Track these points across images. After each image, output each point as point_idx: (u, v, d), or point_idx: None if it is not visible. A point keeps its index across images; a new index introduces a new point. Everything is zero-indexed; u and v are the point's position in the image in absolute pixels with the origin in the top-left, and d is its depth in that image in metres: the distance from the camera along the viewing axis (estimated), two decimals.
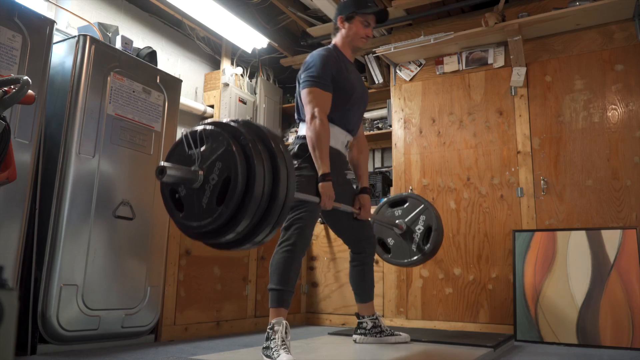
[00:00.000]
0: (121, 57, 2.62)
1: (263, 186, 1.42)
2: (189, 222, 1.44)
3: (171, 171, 1.39)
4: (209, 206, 1.40)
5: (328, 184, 2.03)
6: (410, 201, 2.71)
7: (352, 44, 2.30)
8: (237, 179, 1.38)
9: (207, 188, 1.42)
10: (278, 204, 1.45)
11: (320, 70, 2.11)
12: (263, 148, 1.48)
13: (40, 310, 2.19)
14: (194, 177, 1.43)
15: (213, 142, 1.45)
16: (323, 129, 2.05)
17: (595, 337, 2.74)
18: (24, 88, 1.57)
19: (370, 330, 2.40)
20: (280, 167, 1.47)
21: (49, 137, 2.39)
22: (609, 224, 2.99)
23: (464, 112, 3.55)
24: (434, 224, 2.61)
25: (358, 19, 2.26)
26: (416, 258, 2.62)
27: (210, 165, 1.43)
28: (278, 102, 4.52)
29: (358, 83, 2.31)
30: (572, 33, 3.30)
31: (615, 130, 3.08)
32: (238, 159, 1.39)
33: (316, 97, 2.09)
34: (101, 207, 2.44)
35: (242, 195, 1.39)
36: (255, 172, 1.40)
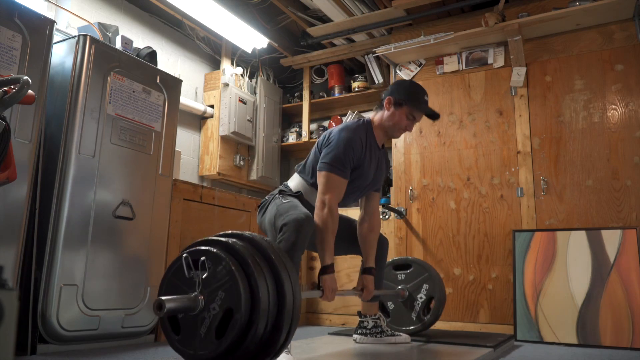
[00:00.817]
0: (121, 57, 2.62)
1: (267, 319, 1.35)
2: (184, 347, 1.37)
3: (170, 304, 1.31)
4: (207, 337, 1.33)
5: (331, 277, 2.00)
6: (415, 267, 2.68)
7: (389, 130, 2.21)
8: (240, 314, 1.31)
9: (207, 317, 1.35)
10: (282, 335, 1.38)
11: (342, 157, 2.03)
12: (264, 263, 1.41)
13: (40, 310, 2.19)
14: (194, 306, 1.35)
15: (216, 267, 1.37)
16: (332, 219, 1.99)
17: (595, 337, 2.74)
18: (24, 88, 1.57)
19: (370, 330, 2.40)
20: (285, 288, 1.39)
21: (49, 137, 2.39)
22: (609, 224, 2.99)
23: (464, 112, 3.55)
24: (437, 294, 2.59)
25: (405, 110, 2.16)
26: (413, 328, 2.60)
27: (211, 293, 1.35)
28: (278, 102, 4.52)
29: (375, 169, 2.23)
30: (572, 33, 3.30)
31: (615, 130, 3.08)
32: (243, 292, 1.32)
33: (332, 184, 2.01)
34: (101, 207, 2.44)
35: (244, 329, 1.32)
36: (260, 306, 1.32)
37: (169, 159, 2.84)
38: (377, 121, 2.23)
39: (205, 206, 3.11)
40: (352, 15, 3.75)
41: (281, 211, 1.98)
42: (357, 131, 2.12)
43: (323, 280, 2.00)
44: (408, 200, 3.59)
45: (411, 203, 3.58)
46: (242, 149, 4.14)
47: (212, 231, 3.07)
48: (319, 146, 2.14)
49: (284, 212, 1.96)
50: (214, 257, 1.38)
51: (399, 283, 2.68)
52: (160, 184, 2.75)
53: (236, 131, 3.91)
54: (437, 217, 3.48)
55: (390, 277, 2.69)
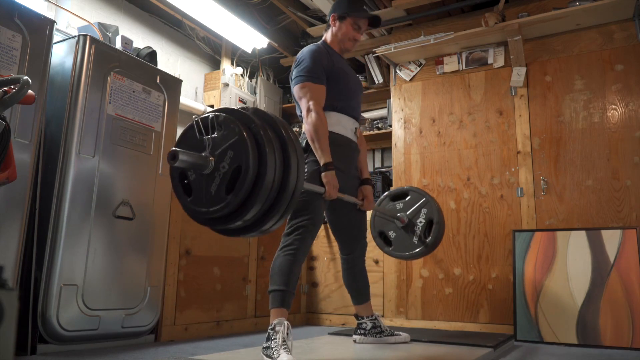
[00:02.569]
0: (121, 57, 2.62)
1: (274, 175, 1.41)
2: (196, 207, 1.44)
3: (183, 156, 1.38)
4: (218, 194, 1.40)
5: (331, 173, 2.03)
6: (412, 194, 2.70)
7: (340, 44, 2.32)
8: (248, 169, 1.37)
9: (217, 175, 1.41)
10: (288, 192, 1.44)
11: (311, 65, 2.13)
12: (274, 136, 1.47)
13: (40, 310, 2.19)
14: (204, 164, 1.42)
15: (225, 129, 1.44)
16: (320, 120, 2.06)
17: (595, 337, 2.74)
18: (24, 88, 1.57)
19: (370, 330, 2.40)
20: (291, 156, 1.46)
21: (49, 137, 2.39)
22: (609, 224, 2.99)
23: (464, 112, 3.55)
24: (436, 216, 2.60)
25: (349, 21, 2.27)
26: (418, 251, 2.61)
27: (221, 153, 1.42)
28: (278, 102, 4.52)
29: (351, 72, 2.33)
30: (572, 33, 3.30)
31: (615, 130, 3.08)
32: (250, 149, 1.38)
33: (310, 90, 2.11)
34: (101, 207, 2.44)
35: (252, 185, 1.38)
36: (267, 162, 1.39)
37: None
38: (329, 39, 2.33)
39: None
40: None
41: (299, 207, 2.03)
42: (317, 46, 2.23)
43: (324, 176, 2.02)
44: None
45: None
46: None
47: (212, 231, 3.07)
48: (291, 76, 2.23)
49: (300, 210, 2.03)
50: (223, 120, 1.44)
51: (397, 212, 2.69)
52: (160, 184, 2.75)
53: None
54: None
55: (388, 208, 2.71)
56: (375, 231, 2.73)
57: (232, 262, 3.16)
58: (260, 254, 3.38)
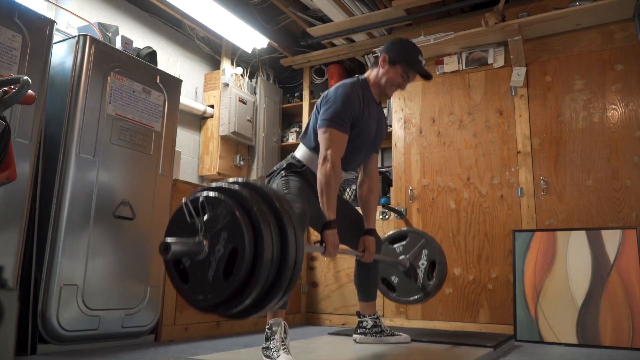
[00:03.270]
0: (121, 57, 2.62)
1: (272, 253, 1.35)
2: (195, 295, 1.37)
3: (176, 247, 1.31)
4: (216, 279, 1.33)
5: (333, 232, 1.97)
6: (411, 236, 2.68)
7: (383, 87, 2.21)
8: (245, 250, 1.30)
9: (213, 260, 1.34)
10: (288, 268, 1.37)
11: (340, 110, 2.03)
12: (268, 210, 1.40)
13: (40, 310, 2.19)
14: (198, 250, 1.35)
15: (216, 210, 1.37)
16: (334, 173, 1.98)
17: (595, 337, 2.74)
18: (24, 88, 1.57)
19: (370, 329, 2.40)
20: (287, 229, 1.39)
21: (49, 137, 2.39)
22: (609, 224, 2.99)
23: (464, 112, 3.55)
24: (437, 257, 2.58)
25: (400, 68, 2.17)
26: (422, 295, 2.58)
27: (215, 235, 1.35)
28: (278, 102, 4.52)
29: (376, 125, 2.23)
30: (572, 33, 3.30)
31: (615, 130, 3.08)
32: (245, 229, 1.31)
33: (332, 139, 2.01)
34: (101, 207, 2.44)
35: (251, 266, 1.32)
36: (264, 240, 1.32)
37: (169, 159, 2.84)
38: (373, 79, 2.23)
39: None
40: (352, 15, 3.75)
41: None
42: (354, 87, 2.13)
43: (325, 235, 1.97)
44: (408, 200, 3.59)
45: (411, 203, 3.58)
46: (242, 149, 4.14)
47: None
48: (317, 107, 2.15)
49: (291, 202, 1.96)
50: (213, 200, 1.38)
51: (397, 256, 2.67)
52: (160, 184, 2.75)
53: (236, 131, 3.91)
54: (437, 217, 3.48)
55: (388, 252, 2.68)
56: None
57: None
58: None
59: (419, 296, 2.59)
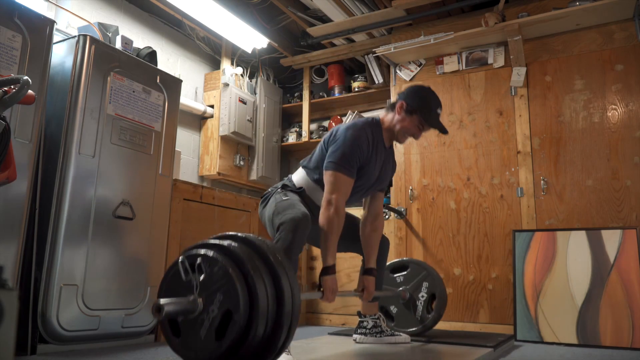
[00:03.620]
0: (121, 57, 2.62)
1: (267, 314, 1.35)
2: (186, 350, 1.38)
3: (169, 307, 1.32)
4: (207, 338, 1.34)
5: (332, 278, 1.97)
6: (412, 267, 2.68)
7: (396, 134, 2.19)
8: (239, 314, 1.30)
9: (206, 319, 1.35)
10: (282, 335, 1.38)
11: (349, 153, 2.02)
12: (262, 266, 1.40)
13: (40, 310, 2.19)
14: (192, 308, 1.36)
15: (212, 269, 1.37)
16: (337, 219, 1.98)
17: (595, 337, 2.74)
18: (24, 88, 1.57)
19: (370, 329, 2.40)
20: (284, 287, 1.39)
21: (49, 137, 2.39)
22: (609, 224, 2.99)
23: (464, 112, 3.55)
24: (438, 290, 2.58)
25: (417, 118, 2.15)
26: (420, 327, 2.59)
27: (209, 295, 1.36)
28: (278, 102, 4.52)
29: (381, 169, 2.22)
30: (572, 33, 3.30)
31: (615, 130, 3.08)
32: (240, 294, 1.32)
33: (338, 183, 2.00)
34: (101, 207, 2.44)
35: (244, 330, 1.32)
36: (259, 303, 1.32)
37: (169, 159, 2.84)
38: (387, 123, 2.21)
39: (205, 206, 3.11)
40: (352, 15, 3.75)
41: (279, 209, 1.97)
42: (365, 130, 2.11)
43: (324, 280, 1.98)
44: (408, 200, 3.59)
45: (411, 203, 3.58)
46: (242, 149, 4.14)
47: (212, 231, 3.07)
48: (325, 143, 2.13)
49: (282, 211, 1.95)
50: (210, 260, 1.38)
51: (398, 286, 2.68)
52: (160, 184, 2.75)
53: (236, 131, 3.91)
54: (437, 217, 3.48)
55: (388, 281, 2.68)
56: None
57: None
58: None
59: (416, 329, 2.60)
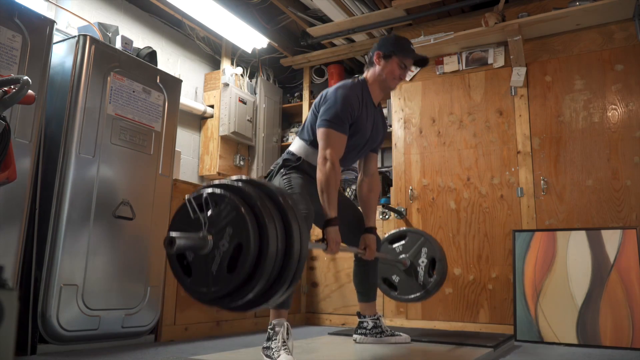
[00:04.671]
0: (121, 57, 2.62)
1: (277, 249, 1.37)
2: (198, 287, 1.39)
3: (180, 241, 1.33)
4: (220, 273, 1.35)
5: (334, 229, 1.99)
6: (410, 235, 2.69)
7: (384, 83, 2.24)
8: (250, 246, 1.32)
9: (217, 254, 1.36)
10: (293, 262, 1.39)
11: (340, 111, 2.06)
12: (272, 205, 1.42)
13: (40, 310, 2.19)
14: (203, 244, 1.37)
15: (221, 206, 1.39)
16: (334, 173, 2.01)
17: (595, 337, 2.74)
18: (24, 88, 1.57)
19: (370, 330, 2.40)
20: (292, 224, 1.41)
21: (49, 137, 2.39)
22: (609, 224, 2.99)
23: (464, 112, 3.55)
24: (437, 254, 2.59)
25: (396, 60, 2.20)
26: (423, 292, 2.59)
27: (219, 231, 1.37)
28: (278, 102, 4.52)
29: (372, 127, 2.25)
30: (572, 33, 3.30)
31: (615, 130, 3.08)
32: (250, 224, 1.33)
33: (332, 139, 2.04)
34: (101, 207, 2.44)
35: (255, 262, 1.34)
36: (269, 236, 1.34)
37: (169, 159, 2.84)
38: (371, 77, 2.25)
39: None
40: (352, 15, 3.75)
41: None
42: (353, 89, 2.15)
43: (327, 232, 2.00)
44: (408, 200, 3.59)
45: (411, 203, 3.58)
46: (242, 149, 4.14)
47: None
48: (316, 106, 2.17)
49: None
50: (217, 196, 1.40)
51: (398, 255, 2.68)
52: (160, 184, 2.75)
53: (236, 131, 3.91)
54: (437, 217, 3.48)
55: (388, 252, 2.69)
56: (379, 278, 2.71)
57: None
58: None
59: (420, 294, 2.60)
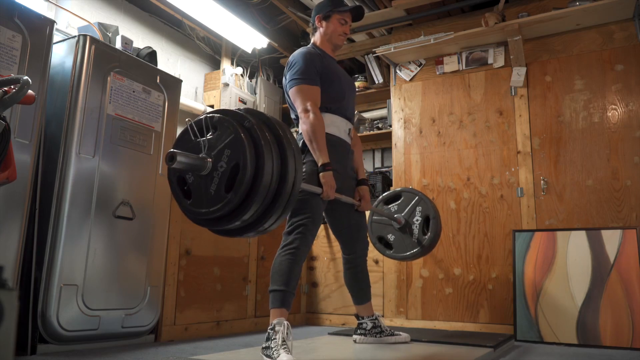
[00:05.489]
0: (121, 57, 2.62)
1: (272, 173, 1.43)
2: (196, 208, 1.45)
3: (181, 158, 1.39)
4: (218, 193, 1.41)
5: (329, 174, 2.04)
6: (405, 195, 2.73)
7: (331, 41, 2.32)
8: (246, 166, 1.38)
9: (216, 175, 1.43)
10: (286, 189, 1.46)
11: (304, 67, 2.13)
12: (269, 133, 1.48)
13: (40, 310, 2.19)
14: (202, 165, 1.44)
15: (220, 129, 1.45)
16: (317, 120, 2.06)
17: (595, 337, 2.74)
18: (24, 88, 1.57)
19: (370, 330, 2.40)
20: (287, 152, 1.48)
21: (49, 137, 2.39)
22: (609, 224, 2.99)
23: (464, 112, 3.55)
24: (431, 212, 2.63)
25: (335, 17, 2.30)
26: (418, 249, 2.63)
27: (218, 153, 1.43)
28: (278, 102, 4.52)
29: (343, 73, 2.34)
30: (572, 33, 3.30)
31: (615, 130, 3.08)
32: (247, 146, 1.39)
33: (305, 92, 2.11)
34: (101, 207, 2.44)
35: (251, 183, 1.39)
36: (264, 158, 1.40)
37: None
38: (319, 40, 2.34)
39: None
40: None
41: (297, 207, 2.03)
42: (308, 49, 2.24)
43: (322, 177, 2.03)
44: None
45: None
46: None
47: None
48: (285, 78, 2.22)
49: (300, 211, 2.03)
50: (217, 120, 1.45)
51: (393, 214, 2.71)
52: (160, 184, 2.75)
53: None
54: None
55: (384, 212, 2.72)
56: (374, 237, 2.74)
57: (232, 262, 3.16)
58: (260, 253, 3.38)
59: (415, 250, 2.64)
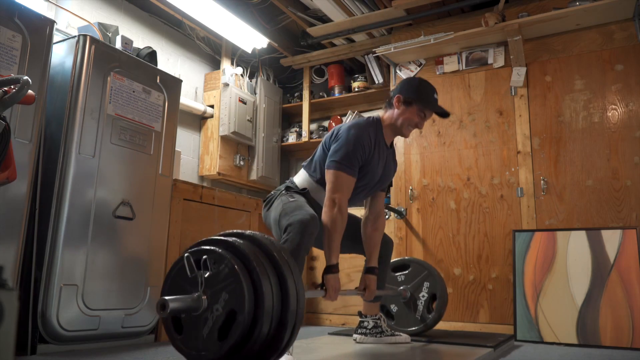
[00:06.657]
0: (121, 57, 2.62)
1: (271, 319, 1.33)
2: (186, 347, 1.36)
3: (173, 304, 1.30)
4: (210, 337, 1.32)
5: (335, 277, 1.98)
6: (413, 266, 2.68)
7: (399, 128, 2.19)
8: (243, 316, 1.29)
9: (210, 317, 1.33)
10: (286, 335, 1.37)
11: (351, 152, 2.02)
12: (268, 264, 1.39)
13: (40, 310, 2.19)
14: (197, 306, 1.34)
15: (219, 267, 1.35)
16: (341, 218, 1.98)
17: (595, 337, 2.74)
18: (24, 88, 1.57)
19: (370, 330, 2.40)
20: (288, 284, 1.38)
21: (49, 137, 2.39)
22: (609, 224, 2.99)
23: (464, 112, 3.55)
24: (439, 291, 2.59)
25: (416, 107, 2.16)
26: (422, 327, 2.60)
27: (215, 294, 1.34)
28: (278, 102, 4.52)
29: (383, 168, 2.22)
30: (572, 33, 3.30)
31: (615, 130, 3.08)
32: (246, 293, 1.30)
33: (341, 182, 2.00)
34: (101, 207, 2.44)
35: (247, 330, 1.31)
36: (264, 307, 1.31)
37: (169, 159, 2.84)
38: (387, 120, 2.21)
39: (205, 206, 3.11)
40: (352, 15, 3.74)
41: (287, 210, 1.97)
42: (367, 129, 2.10)
43: (327, 279, 1.98)
44: (408, 200, 3.59)
45: (411, 203, 3.58)
46: (242, 149, 4.14)
47: (212, 231, 3.07)
48: (326, 143, 2.13)
49: (290, 212, 1.95)
50: (216, 256, 1.36)
51: (399, 285, 2.68)
52: (160, 184, 2.75)
53: (236, 131, 3.91)
54: (437, 217, 3.48)
55: (390, 280, 2.68)
56: None
57: None
58: None
59: (417, 328, 2.60)
